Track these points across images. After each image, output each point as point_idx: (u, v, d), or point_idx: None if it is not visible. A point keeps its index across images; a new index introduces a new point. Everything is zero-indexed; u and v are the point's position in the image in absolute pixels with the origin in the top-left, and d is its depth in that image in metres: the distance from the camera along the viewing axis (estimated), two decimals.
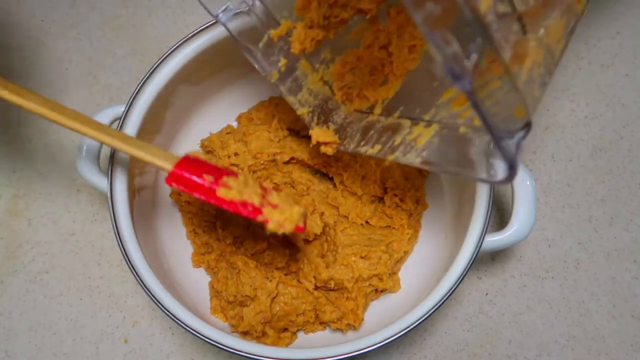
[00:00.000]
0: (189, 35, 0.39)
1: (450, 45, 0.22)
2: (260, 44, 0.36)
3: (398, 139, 0.34)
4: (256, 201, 0.33)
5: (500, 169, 0.28)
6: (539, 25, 0.26)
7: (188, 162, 0.33)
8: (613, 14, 0.53)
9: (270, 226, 0.32)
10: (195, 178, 0.32)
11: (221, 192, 0.32)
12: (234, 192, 0.32)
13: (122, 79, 0.52)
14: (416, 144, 0.33)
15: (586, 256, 0.47)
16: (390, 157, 0.34)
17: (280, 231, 0.33)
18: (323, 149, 0.37)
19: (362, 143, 0.36)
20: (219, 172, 0.33)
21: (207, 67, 0.42)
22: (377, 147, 0.35)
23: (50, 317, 0.46)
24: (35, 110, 0.32)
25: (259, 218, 0.32)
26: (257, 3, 0.36)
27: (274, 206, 0.33)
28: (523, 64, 0.26)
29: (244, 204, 0.32)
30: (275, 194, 0.34)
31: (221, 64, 0.43)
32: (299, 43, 0.35)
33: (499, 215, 0.48)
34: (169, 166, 0.33)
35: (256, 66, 0.37)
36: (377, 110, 0.37)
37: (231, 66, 0.44)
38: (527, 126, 0.27)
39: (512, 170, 0.27)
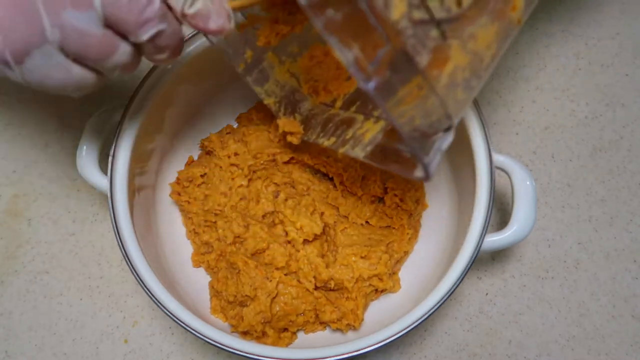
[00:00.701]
0: (189, 35, 0.39)
1: (351, 49, 0.23)
2: (227, 36, 0.36)
3: (350, 133, 0.35)
4: None
5: (419, 168, 0.29)
6: (464, 31, 0.26)
7: None
8: (613, 14, 0.53)
9: None
10: None
11: None
12: None
13: (122, 79, 0.52)
14: (363, 139, 0.34)
15: (586, 256, 0.47)
16: (342, 150, 0.35)
17: None
18: (289, 138, 0.39)
19: (321, 134, 0.38)
20: None
21: (207, 68, 0.42)
22: (332, 139, 0.36)
23: (50, 317, 0.46)
24: None
25: None
26: None
27: None
28: (443, 68, 0.26)
29: None
30: None
31: (221, 65, 0.43)
32: (264, 37, 0.35)
33: (499, 215, 0.48)
34: None
35: (225, 57, 0.37)
36: (339, 103, 0.38)
37: (231, 66, 0.43)
38: (448, 129, 0.28)
39: (426, 172, 0.28)
